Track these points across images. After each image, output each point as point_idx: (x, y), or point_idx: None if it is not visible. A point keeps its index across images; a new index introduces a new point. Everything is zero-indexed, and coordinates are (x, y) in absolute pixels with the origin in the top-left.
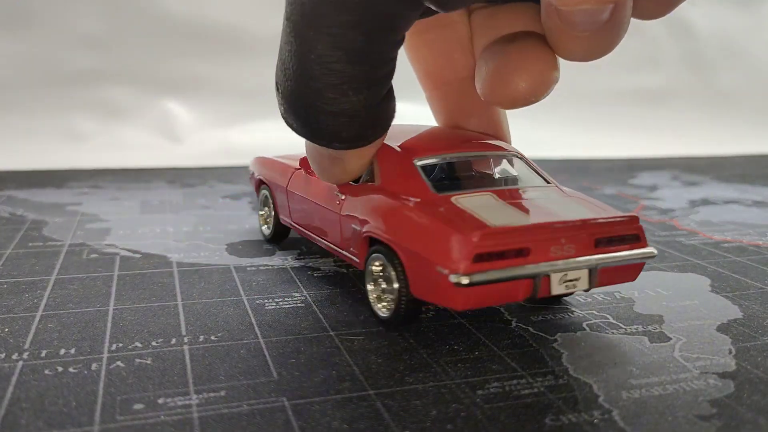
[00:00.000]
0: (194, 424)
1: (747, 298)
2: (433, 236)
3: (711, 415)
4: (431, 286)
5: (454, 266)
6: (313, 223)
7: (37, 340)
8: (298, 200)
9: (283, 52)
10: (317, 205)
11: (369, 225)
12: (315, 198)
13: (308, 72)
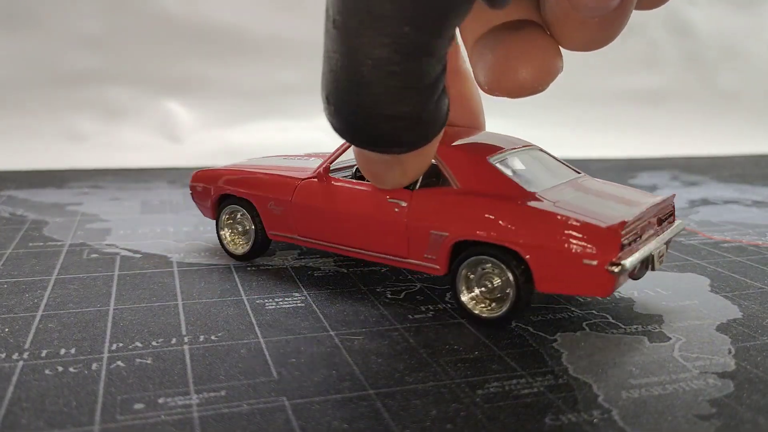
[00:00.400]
0: (194, 423)
1: (746, 298)
2: (572, 231)
3: (710, 414)
4: (570, 279)
5: (606, 257)
6: (346, 235)
7: (38, 340)
8: (314, 213)
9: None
10: (356, 215)
11: (463, 229)
12: (351, 208)
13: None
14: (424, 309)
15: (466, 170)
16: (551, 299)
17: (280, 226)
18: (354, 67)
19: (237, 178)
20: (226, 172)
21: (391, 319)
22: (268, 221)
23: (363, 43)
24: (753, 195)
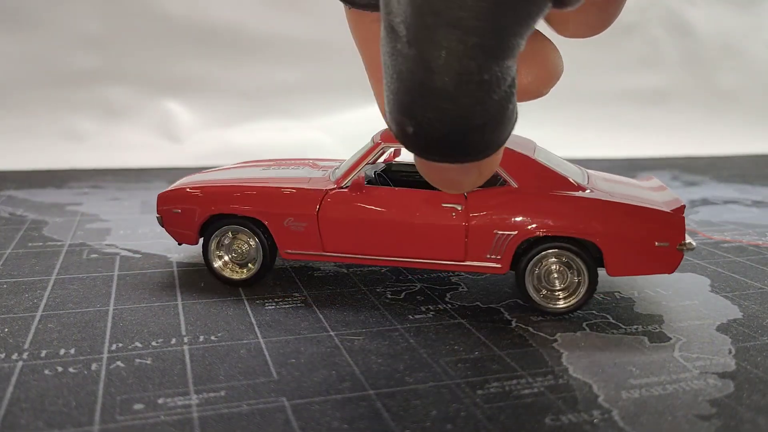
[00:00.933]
0: (194, 424)
1: (746, 298)
2: (644, 218)
3: (711, 414)
4: (642, 260)
5: (677, 238)
6: (392, 245)
7: (37, 340)
8: (352, 225)
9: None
10: (407, 224)
11: (534, 226)
12: (400, 217)
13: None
14: (424, 309)
15: (519, 169)
16: None
17: (301, 244)
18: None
19: (235, 195)
20: (212, 189)
21: (391, 319)
22: (283, 239)
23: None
24: (753, 195)
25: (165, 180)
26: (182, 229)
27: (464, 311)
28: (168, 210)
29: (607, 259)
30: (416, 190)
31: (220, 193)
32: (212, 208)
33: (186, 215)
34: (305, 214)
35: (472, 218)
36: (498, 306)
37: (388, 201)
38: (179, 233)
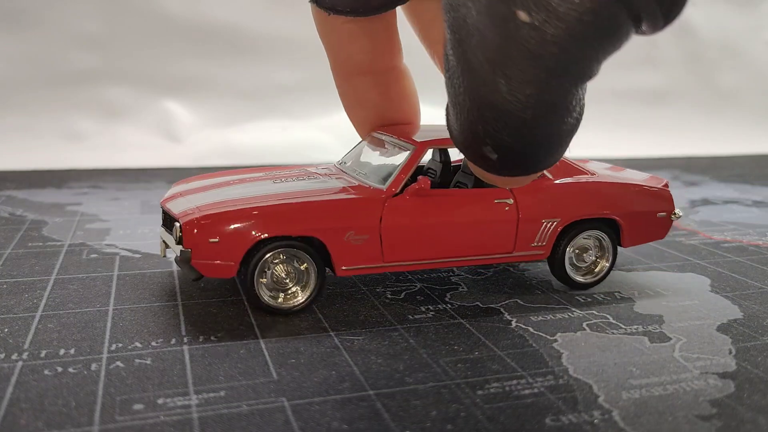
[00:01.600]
0: (194, 424)
1: (747, 298)
2: (650, 196)
3: (711, 415)
4: (649, 231)
5: (671, 208)
6: (453, 246)
7: (37, 341)
8: (417, 232)
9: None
10: (467, 223)
11: (575, 211)
12: (461, 218)
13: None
14: (424, 309)
15: None
16: (551, 299)
17: (360, 258)
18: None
19: (288, 213)
20: (260, 210)
21: (391, 319)
22: (341, 256)
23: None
24: (753, 195)
25: (165, 180)
26: (219, 260)
27: (464, 311)
28: (202, 241)
29: (624, 233)
30: (468, 190)
31: (270, 214)
32: (263, 231)
33: (227, 243)
34: (367, 226)
35: (521, 211)
36: (498, 306)
37: (445, 203)
38: (212, 266)
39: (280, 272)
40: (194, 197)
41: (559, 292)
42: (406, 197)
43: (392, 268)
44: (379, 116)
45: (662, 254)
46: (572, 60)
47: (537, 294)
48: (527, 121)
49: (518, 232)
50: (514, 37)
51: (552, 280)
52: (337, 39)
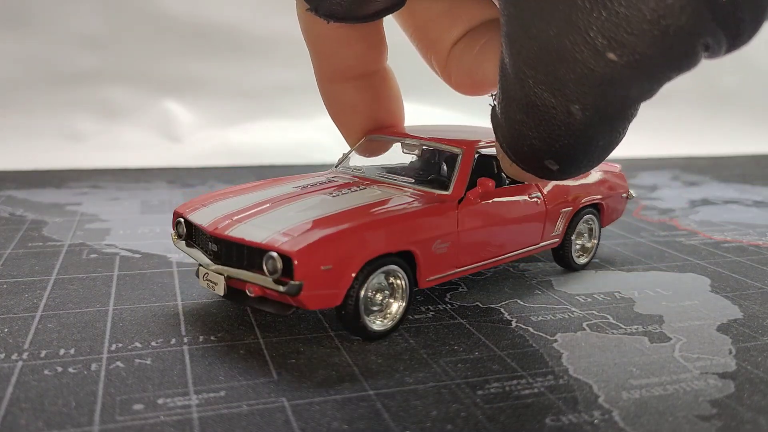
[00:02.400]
0: (194, 424)
1: (747, 298)
2: (618, 179)
3: (711, 415)
4: (616, 210)
5: (627, 189)
6: (504, 244)
7: (37, 341)
8: (481, 235)
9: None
10: (515, 220)
11: (583, 199)
12: (511, 216)
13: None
14: (424, 309)
15: None
16: (551, 299)
17: (440, 267)
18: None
19: (383, 229)
20: (361, 228)
21: None
22: (427, 267)
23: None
24: (753, 195)
25: (164, 180)
26: (328, 289)
27: (464, 311)
28: (315, 270)
29: (605, 214)
30: (510, 188)
31: (373, 232)
32: (370, 251)
33: (338, 269)
34: (449, 233)
35: (547, 203)
36: (498, 306)
37: (500, 202)
38: (320, 297)
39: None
40: (257, 220)
41: (559, 292)
42: (472, 199)
43: (460, 274)
44: (370, 120)
45: (662, 254)
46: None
47: (537, 294)
48: (593, 138)
49: (545, 223)
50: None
51: (552, 280)
52: (327, 44)
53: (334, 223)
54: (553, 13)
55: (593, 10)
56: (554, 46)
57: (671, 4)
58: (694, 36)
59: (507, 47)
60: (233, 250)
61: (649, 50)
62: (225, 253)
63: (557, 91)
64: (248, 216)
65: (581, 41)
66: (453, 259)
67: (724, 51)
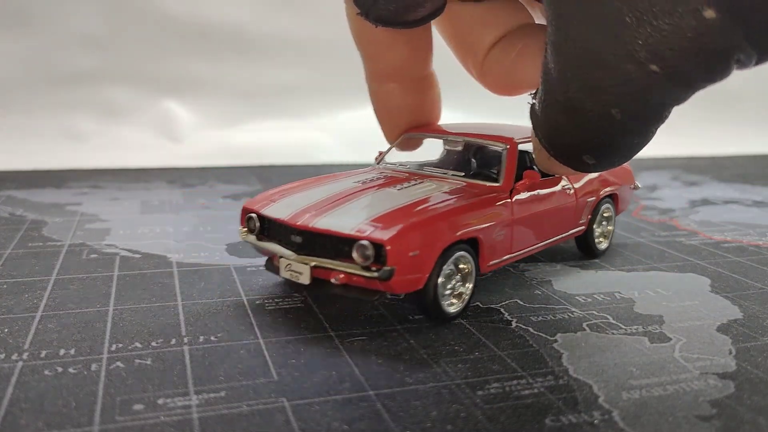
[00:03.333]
0: (194, 424)
1: (747, 298)
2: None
3: (711, 415)
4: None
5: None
6: (542, 231)
7: (37, 341)
8: (528, 222)
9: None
10: (551, 210)
11: (605, 189)
12: (548, 205)
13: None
14: None
15: None
16: (551, 300)
17: (498, 253)
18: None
19: (459, 217)
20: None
21: (391, 319)
22: (489, 253)
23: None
24: (753, 195)
25: (164, 180)
26: (414, 274)
27: (464, 311)
28: (405, 256)
29: (618, 202)
30: (546, 180)
31: (449, 220)
32: (448, 237)
33: (423, 255)
34: (506, 221)
35: (577, 193)
36: (498, 306)
37: (542, 194)
38: (406, 281)
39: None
40: (337, 212)
41: (559, 292)
42: (521, 190)
43: (511, 260)
44: (411, 120)
45: (662, 254)
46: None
47: (537, 294)
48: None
49: (576, 212)
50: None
51: (552, 280)
52: (376, 47)
53: (414, 214)
54: (600, 28)
55: (639, 26)
56: (599, 56)
57: (710, 24)
58: (729, 52)
59: (552, 54)
60: (319, 240)
61: (687, 64)
62: (310, 245)
63: (599, 97)
64: (326, 209)
65: (625, 54)
66: (508, 245)
67: (753, 64)
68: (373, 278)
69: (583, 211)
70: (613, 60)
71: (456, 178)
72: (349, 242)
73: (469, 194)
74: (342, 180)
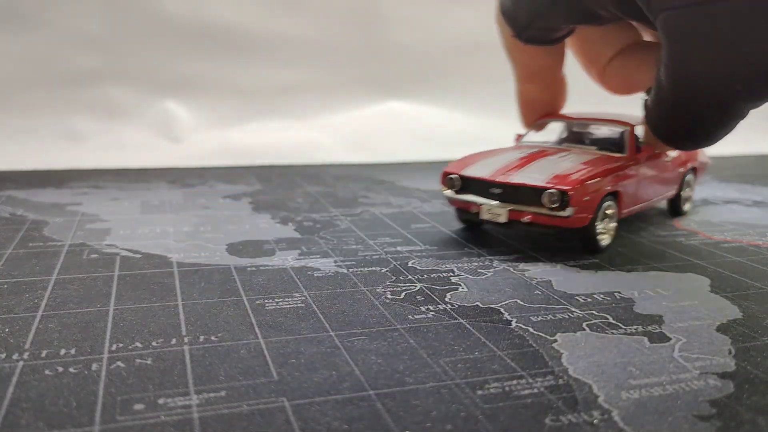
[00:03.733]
0: (194, 424)
1: (746, 298)
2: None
3: (711, 415)
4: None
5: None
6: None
7: (38, 341)
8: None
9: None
10: (659, 175)
11: (689, 163)
12: (657, 171)
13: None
14: (424, 309)
15: None
16: (551, 300)
17: (629, 204)
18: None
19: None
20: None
21: (391, 319)
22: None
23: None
24: (753, 195)
25: (165, 180)
26: (585, 214)
27: (464, 311)
28: (581, 200)
29: (697, 173)
30: (656, 153)
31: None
32: (603, 190)
33: (591, 200)
34: (634, 181)
35: (673, 165)
36: (498, 306)
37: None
38: (579, 219)
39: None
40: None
41: (559, 292)
42: (639, 158)
43: (638, 210)
44: (545, 111)
45: (662, 254)
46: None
47: (537, 294)
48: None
49: (673, 178)
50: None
51: (552, 280)
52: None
53: (581, 172)
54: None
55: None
56: (703, 81)
57: None
58: None
59: (665, 72)
60: (515, 191)
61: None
62: (509, 194)
63: (700, 106)
64: (514, 169)
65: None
66: (635, 199)
67: None
68: (558, 216)
69: (676, 178)
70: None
71: (592, 150)
72: (540, 191)
73: (606, 161)
74: (509, 152)
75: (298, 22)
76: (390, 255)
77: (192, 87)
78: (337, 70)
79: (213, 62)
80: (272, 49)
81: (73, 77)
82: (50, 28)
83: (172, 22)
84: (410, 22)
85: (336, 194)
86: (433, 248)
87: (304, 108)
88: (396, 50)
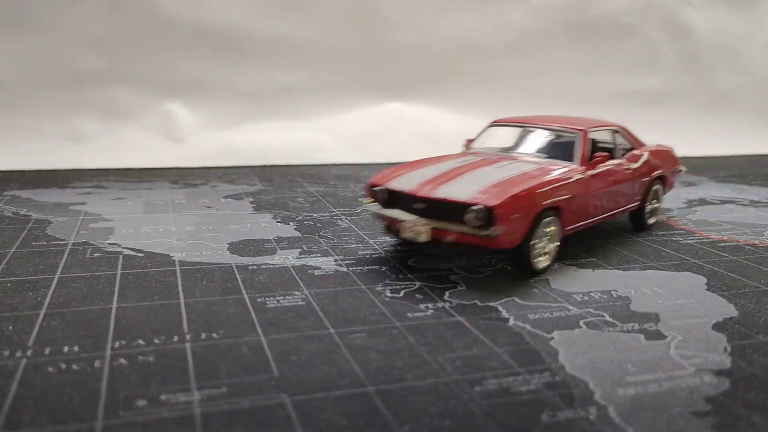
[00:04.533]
0: (196, 420)
1: (742, 296)
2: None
3: (706, 412)
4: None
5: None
6: (608, 204)
7: (41, 338)
8: (597, 195)
9: None
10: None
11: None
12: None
13: None
14: (423, 307)
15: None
16: (548, 298)
17: (575, 219)
18: None
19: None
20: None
21: (390, 317)
22: (568, 219)
23: None
24: (750, 195)
25: (167, 180)
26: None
27: (463, 309)
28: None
29: (666, 183)
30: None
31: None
32: (539, 205)
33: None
34: (582, 193)
35: (634, 174)
36: (496, 304)
37: (608, 171)
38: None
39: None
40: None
41: (556, 290)
42: (592, 169)
43: (585, 226)
44: None
45: (659, 253)
46: None
47: (534, 292)
48: None
49: (634, 189)
50: None
51: (549, 278)
52: None
53: (513, 186)
54: None
55: None
56: None
57: None
58: None
59: None
60: (438, 207)
61: None
62: (432, 210)
63: None
64: (441, 182)
65: None
66: (582, 214)
67: None
68: (484, 236)
69: (638, 189)
70: None
71: (540, 159)
72: (463, 208)
73: (548, 171)
74: (445, 161)
75: (300, 24)
76: (389, 254)
77: (194, 88)
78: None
79: (215, 64)
80: (274, 51)
81: (78, 78)
82: (55, 30)
83: (176, 25)
84: (411, 23)
85: (337, 194)
86: (432, 247)
87: (305, 109)
88: (396, 51)
